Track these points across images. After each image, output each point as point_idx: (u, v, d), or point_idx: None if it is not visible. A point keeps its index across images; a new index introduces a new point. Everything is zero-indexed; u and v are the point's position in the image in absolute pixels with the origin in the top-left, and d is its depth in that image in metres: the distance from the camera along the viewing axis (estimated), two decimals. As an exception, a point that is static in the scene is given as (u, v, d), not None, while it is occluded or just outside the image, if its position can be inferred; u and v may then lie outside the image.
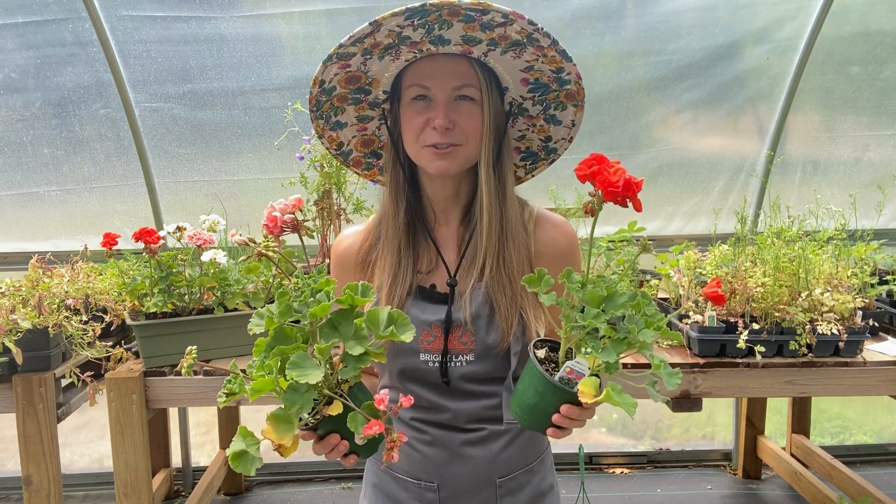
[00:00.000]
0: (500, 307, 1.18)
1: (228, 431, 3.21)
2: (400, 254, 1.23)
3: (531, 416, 1.03)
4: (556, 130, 1.30)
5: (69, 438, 3.39)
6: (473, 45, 1.14)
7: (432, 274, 1.25)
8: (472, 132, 1.17)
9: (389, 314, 0.98)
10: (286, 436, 0.92)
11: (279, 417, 0.93)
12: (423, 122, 1.17)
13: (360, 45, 1.14)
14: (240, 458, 0.93)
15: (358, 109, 1.28)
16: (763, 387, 2.14)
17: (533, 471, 1.29)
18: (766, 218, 2.49)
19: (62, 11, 2.76)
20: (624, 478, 3.37)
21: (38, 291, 2.08)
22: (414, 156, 1.21)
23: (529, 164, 1.37)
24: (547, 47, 1.14)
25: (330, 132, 1.30)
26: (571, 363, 0.99)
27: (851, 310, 2.14)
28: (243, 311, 2.15)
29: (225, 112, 3.01)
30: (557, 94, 1.23)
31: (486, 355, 1.19)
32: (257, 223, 2.83)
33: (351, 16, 2.87)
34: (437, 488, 1.25)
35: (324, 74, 1.20)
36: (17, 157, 3.02)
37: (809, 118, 3.25)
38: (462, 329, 1.19)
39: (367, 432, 0.92)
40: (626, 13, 2.99)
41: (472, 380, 1.21)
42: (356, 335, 0.96)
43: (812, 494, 2.93)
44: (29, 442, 2.05)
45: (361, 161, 1.37)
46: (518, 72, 1.21)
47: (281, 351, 0.93)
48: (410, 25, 1.10)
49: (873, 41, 3.09)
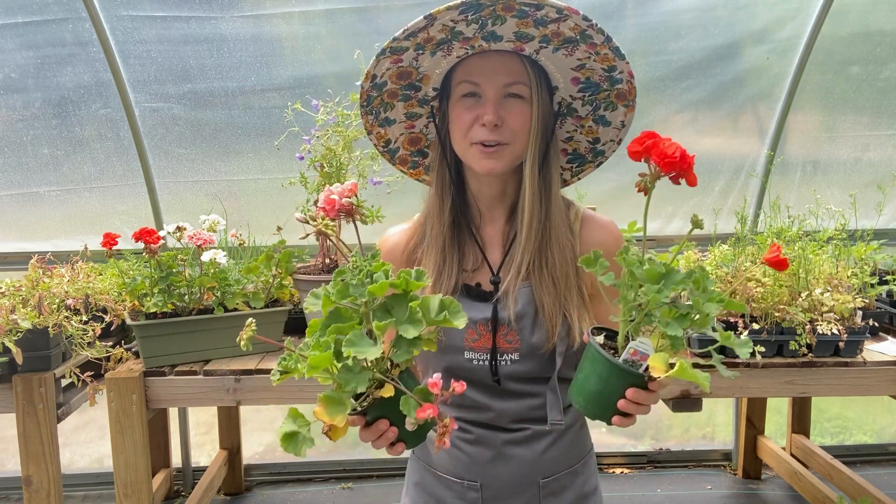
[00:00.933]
0: (544, 307, 1.18)
1: (228, 431, 3.22)
2: (444, 252, 1.23)
3: (595, 403, 1.00)
4: (604, 132, 1.29)
5: (69, 438, 3.39)
6: (526, 41, 1.14)
7: (477, 272, 1.25)
8: (520, 130, 1.16)
9: (441, 301, 0.97)
10: (337, 416, 0.92)
11: (331, 399, 0.93)
12: (472, 118, 1.16)
13: (413, 40, 1.14)
14: (291, 438, 0.93)
15: (407, 106, 1.27)
16: (763, 387, 2.14)
17: (576, 472, 1.29)
18: (766, 218, 2.49)
19: (62, 11, 2.76)
20: (624, 478, 3.37)
21: (38, 291, 2.08)
22: (461, 153, 1.21)
23: (576, 166, 1.36)
24: (600, 44, 1.13)
25: (378, 128, 1.30)
26: (635, 343, 0.97)
27: (851, 310, 2.13)
28: (243, 311, 2.15)
29: (225, 112, 3.01)
30: (608, 94, 1.23)
31: (531, 355, 1.19)
32: (257, 223, 2.85)
33: (351, 16, 2.87)
34: (479, 488, 1.25)
35: (376, 69, 1.18)
36: (17, 157, 3.02)
37: (809, 118, 3.25)
38: (507, 328, 1.19)
39: (420, 415, 0.91)
40: (626, 13, 2.98)
41: (517, 379, 1.20)
42: (410, 318, 0.95)
43: (812, 494, 2.93)
44: (29, 442, 2.05)
45: (408, 159, 1.37)
46: (569, 70, 1.20)
47: (337, 329, 0.93)
48: (464, 20, 1.10)
49: (873, 41, 3.09)
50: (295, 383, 2.08)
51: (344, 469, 3.41)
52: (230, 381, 2.07)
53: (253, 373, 2.07)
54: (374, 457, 3.47)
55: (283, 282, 2.30)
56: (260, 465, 3.41)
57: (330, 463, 3.42)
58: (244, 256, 2.57)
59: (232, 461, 3.22)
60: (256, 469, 3.40)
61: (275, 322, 2.21)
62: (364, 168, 2.27)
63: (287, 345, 0.97)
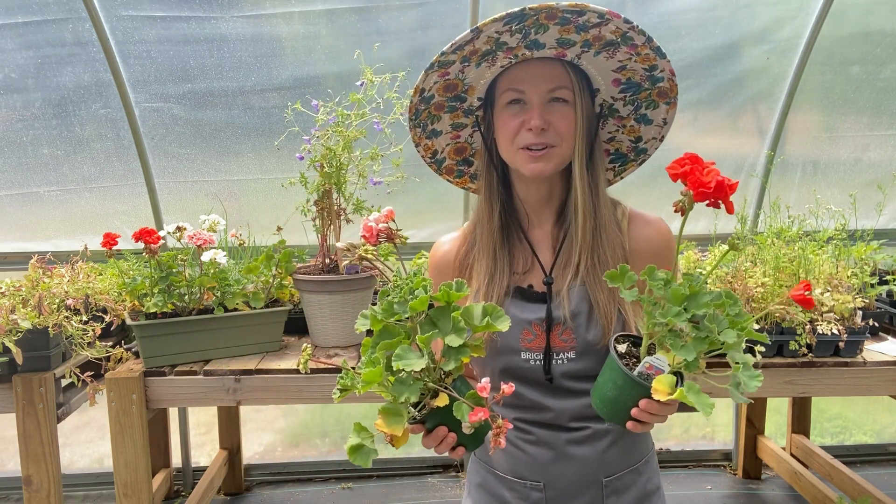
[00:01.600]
0: (599, 304, 1.20)
1: (228, 431, 3.22)
2: (496, 256, 1.26)
3: (610, 408, 1.04)
4: (646, 130, 1.32)
5: (69, 438, 3.39)
6: (567, 47, 1.18)
7: (528, 274, 1.27)
8: (566, 132, 1.20)
9: (484, 307, 1.03)
10: (397, 427, 0.98)
11: (389, 410, 0.99)
12: (518, 124, 1.20)
13: (459, 53, 1.17)
14: (357, 451, 0.99)
15: (453, 117, 1.31)
16: (763, 387, 2.13)
17: (639, 471, 1.30)
18: (766, 218, 2.49)
19: (62, 11, 2.76)
20: (624, 478, 3.37)
21: (38, 291, 2.08)
22: (509, 158, 1.24)
23: (619, 166, 1.40)
24: (641, 45, 1.16)
25: (426, 140, 1.34)
26: (651, 359, 1.00)
27: (851, 310, 2.14)
28: (243, 311, 2.15)
29: (225, 112, 3.01)
30: (649, 93, 1.26)
31: (588, 352, 1.21)
32: (257, 223, 2.85)
33: (351, 16, 2.87)
34: (543, 488, 1.26)
35: (424, 83, 1.22)
36: (17, 157, 3.02)
37: (809, 118, 3.25)
38: (562, 327, 1.21)
39: (473, 419, 0.96)
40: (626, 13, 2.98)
41: (574, 377, 1.22)
42: (454, 328, 1.01)
43: (812, 494, 2.92)
44: (29, 442, 2.05)
45: (454, 169, 1.41)
46: (610, 72, 1.23)
47: (386, 345, 0.99)
48: (508, 31, 1.13)
49: (873, 41, 3.09)
50: (295, 384, 2.08)
51: (344, 469, 3.41)
52: (230, 381, 2.07)
53: (253, 373, 2.07)
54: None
55: (283, 282, 2.30)
56: (260, 465, 3.41)
57: (330, 463, 3.42)
58: (244, 256, 2.57)
59: (232, 461, 3.22)
60: (256, 469, 3.40)
61: (275, 322, 2.21)
62: (364, 168, 2.27)
63: (343, 364, 1.04)
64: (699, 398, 0.94)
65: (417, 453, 3.49)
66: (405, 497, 3.21)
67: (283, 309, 2.22)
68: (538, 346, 1.22)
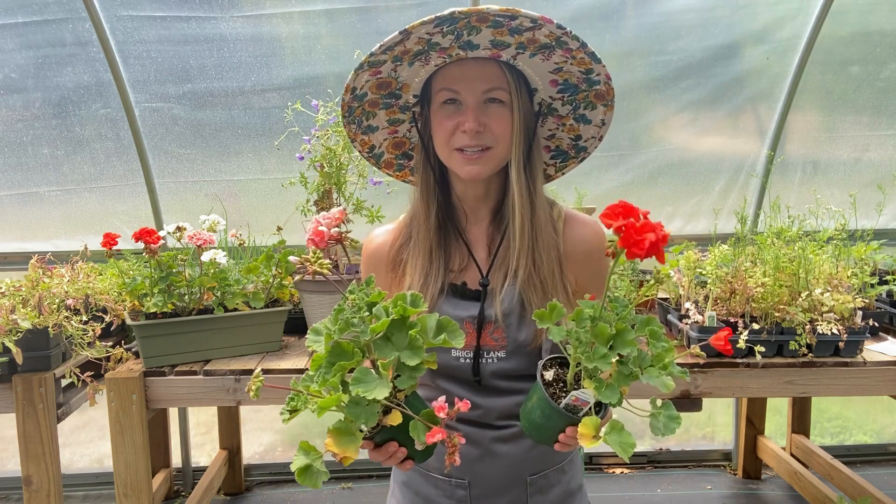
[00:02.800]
0: (532, 305, 1.20)
1: (228, 431, 3.22)
2: (431, 255, 1.26)
3: (538, 432, 1.06)
4: (585, 129, 1.31)
5: (69, 438, 3.39)
6: (502, 49, 1.16)
7: (464, 272, 1.27)
8: (502, 134, 1.19)
9: (438, 321, 1.00)
10: (349, 448, 0.95)
11: (341, 430, 0.96)
12: (453, 125, 1.19)
13: (390, 53, 1.16)
14: (305, 472, 0.95)
15: (389, 113, 1.30)
16: (763, 387, 2.14)
17: (563, 470, 1.31)
18: (766, 218, 2.49)
19: (62, 11, 2.76)
20: (624, 478, 3.37)
21: (38, 291, 2.08)
22: (445, 159, 1.23)
23: (559, 162, 1.39)
24: (576, 49, 1.15)
25: (362, 136, 1.33)
26: (577, 392, 1.01)
27: (851, 310, 2.13)
28: (243, 311, 2.15)
29: (225, 112, 3.01)
30: (587, 94, 1.25)
31: (518, 352, 1.21)
32: (257, 223, 2.85)
33: (351, 16, 2.87)
34: (468, 485, 1.26)
35: (355, 82, 1.21)
36: (17, 157, 3.02)
37: (809, 118, 3.25)
38: (494, 326, 1.21)
39: (431, 440, 0.94)
40: (626, 13, 2.99)
41: (503, 376, 1.22)
42: (411, 346, 0.96)
43: (812, 494, 2.92)
44: (29, 442, 2.05)
45: (393, 162, 1.40)
46: (547, 73, 1.22)
47: (342, 367, 0.95)
48: (440, 32, 1.12)
49: (873, 41, 3.09)
50: (295, 383, 2.08)
51: (344, 469, 3.41)
52: (230, 381, 2.07)
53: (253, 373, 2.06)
54: (374, 457, 3.47)
55: (283, 282, 2.30)
56: (260, 465, 3.41)
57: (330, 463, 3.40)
58: (244, 256, 2.57)
59: (232, 461, 3.22)
60: (256, 469, 3.40)
61: (275, 322, 2.21)
62: (364, 168, 2.27)
63: (293, 385, 0.99)
64: (621, 438, 0.95)
65: (417, 453, 3.49)
66: (405, 497, 3.21)
67: (283, 309, 2.22)
68: (469, 344, 1.22)
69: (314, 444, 0.97)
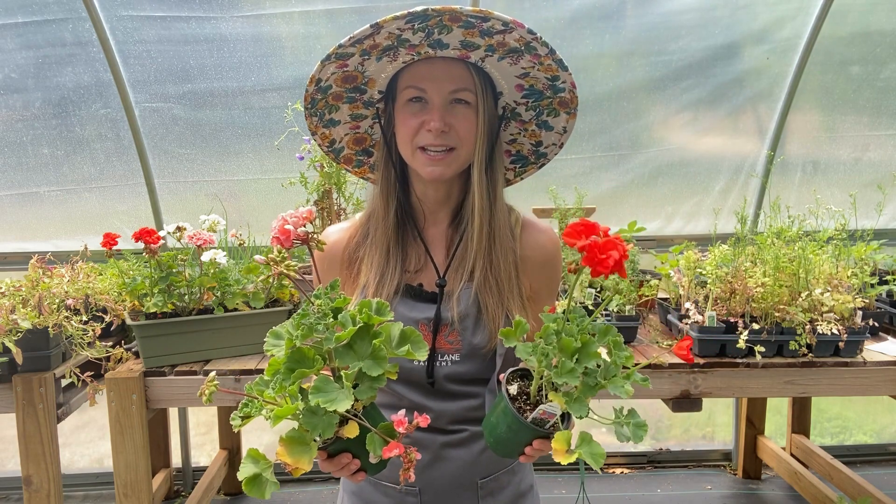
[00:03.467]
0: (488, 309, 1.20)
1: (228, 431, 3.21)
2: (388, 254, 1.24)
3: (503, 447, 1.05)
4: (547, 136, 1.32)
5: (69, 438, 3.39)
6: (471, 50, 1.16)
7: (420, 273, 1.26)
8: (466, 135, 1.18)
9: (402, 332, 0.97)
10: (303, 458, 0.91)
11: (294, 440, 0.92)
12: (418, 123, 1.18)
13: (359, 46, 1.14)
14: (253, 482, 0.90)
15: (352, 108, 1.29)
16: (763, 387, 2.14)
17: (513, 471, 1.31)
18: (766, 218, 2.49)
19: (62, 11, 2.76)
20: (624, 478, 3.37)
21: (38, 291, 2.08)
22: (407, 157, 1.22)
23: (519, 167, 1.38)
24: (544, 56, 1.15)
25: (323, 129, 1.31)
26: (545, 406, 1.00)
27: (851, 310, 2.14)
28: (243, 311, 2.15)
29: (225, 112, 3.01)
30: (551, 101, 1.25)
31: (472, 356, 1.21)
32: (257, 223, 2.85)
33: (351, 16, 2.87)
34: (418, 492, 1.25)
35: (321, 73, 1.20)
36: (17, 157, 3.02)
37: (809, 118, 3.25)
38: (449, 328, 1.20)
39: (388, 454, 0.92)
40: (626, 13, 2.98)
41: (457, 380, 1.21)
42: (374, 355, 0.93)
43: (812, 494, 2.93)
44: (29, 442, 2.05)
45: (353, 158, 1.38)
46: (513, 77, 1.22)
47: (302, 374, 0.91)
48: (410, 29, 1.11)
49: (873, 41, 3.09)
50: (295, 383, 2.08)
51: (344, 469, 3.41)
52: (230, 381, 2.07)
53: (253, 373, 2.07)
54: (374, 457, 3.47)
55: (283, 282, 2.30)
56: (260, 465, 3.41)
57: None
58: (244, 256, 2.57)
59: (232, 461, 3.22)
60: (256, 469, 3.40)
61: (274, 322, 2.20)
62: (364, 168, 2.27)
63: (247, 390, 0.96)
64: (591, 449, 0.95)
65: (417, 453, 3.49)
66: (405, 497, 3.21)
67: (283, 309, 2.22)
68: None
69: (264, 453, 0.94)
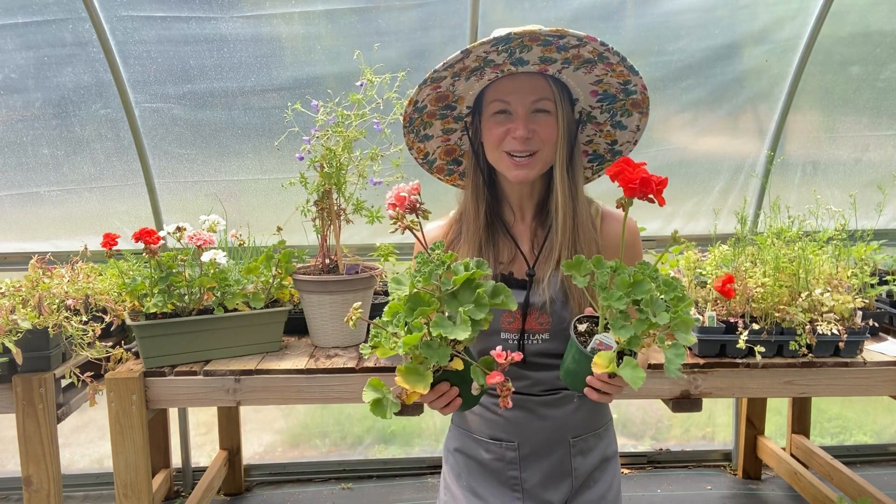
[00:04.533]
0: (574, 294, 1.35)
1: (228, 431, 3.22)
2: (481, 250, 1.39)
3: (571, 378, 1.21)
4: (621, 135, 1.46)
5: (69, 438, 3.39)
6: (549, 64, 1.30)
7: (511, 263, 1.41)
8: (547, 139, 1.33)
9: (494, 287, 1.14)
10: (419, 384, 1.07)
11: (410, 370, 1.08)
12: (503, 132, 1.33)
13: (450, 70, 1.29)
14: (378, 404, 1.07)
15: (444, 123, 1.44)
16: (763, 387, 2.14)
17: (600, 436, 1.47)
18: (766, 218, 2.49)
19: (62, 11, 2.76)
20: (624, 478, 3.37)
21: (38, 292, 2.08)
22: (495, 162, 1.37)
23: (596, 165, 1.53)
24: (616, 64, 1.28)
25: (418, 144, 1.47)
26: (600, 336, 1.16)
27: (851, 310, 2.13)
28: (243, 312, 2.15)
29: (225, 112, 3.01)
30: (624, 103, 1.39)
31: (559, 335, 1.36)
32: (257, 223, 2.85)
33: (351, 16, 2.87)
34: (517, 447, 1.41)
35: (418, 95, 1.34)
36: (17, 157, 3.02)
37: (809, 118, 3.25)
38: (539, 312, 1.36)
39: (491, 381, 1.09)
40: (626, 13, 2.98)
41: (546, 355, 1.38)
42: (477, 301, 1.10)
43: (812, 495, 2.93)
44: (29, 442, 2.05)
45: (444, 168, 1.54)
46: (588, 85, 1.36)
47: (424, 311, 1.09)
48: (496, 51, 1.25)
49: (873, 41, 3.09)
50: (295, 384, 2.08)
51: (344, 469, 3.41)
52: (230, 382, 2.07)
53: (253, 373, 2.07)
54: (374, 457, 3.47)
55: (283, 282, 2.30)
56: (260, 465, 3.41)
57: (330, 463, 3.42)
58: (244, 257, 2.57)
59: (232, 461, 3.22)
60: (256, 469, 3.40)
61: (275, 322, 2.21)
62: (364, 168, 2.27)
63: (377, 322, 1.12)
64: (633, 372, 1.06)
65: (417, 453, 3.49)
66: (405, 497, 3.21)
67: (282, 309, 2.22)
68: (516, 327, 1.37)
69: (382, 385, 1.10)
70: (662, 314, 1.09)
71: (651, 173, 1.12)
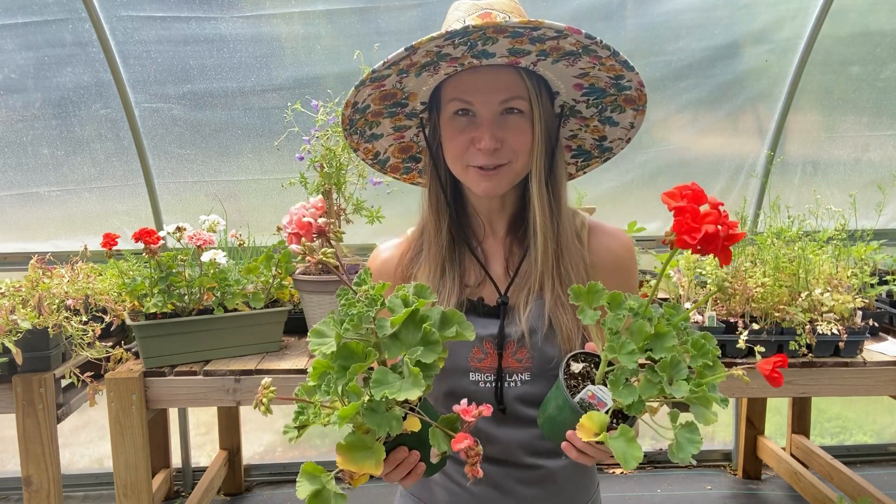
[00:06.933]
0: (562, 326, 1.09)
1: (228, 431, 3.21)
2: (444, 270, 1.15)
3: (550, 426, 0.98)
4: (612, 131, 1.22)
5: (69, 438, 3.39)
6: (521, 56, 1.05)
7: (480, 287, 1.16)
8: (521, 148, 1.08)
9: (443, 314, 0.88)
10: (367, 463, 0.84)
11: (354, 444, 0.85)
12: (466, 140, 1.08)
13: (394, 67, 1.05)
14: (318, 497, 0.84)
15: (394, 121, 1.20)
16: (762, 387, 2.13)
17: None
18: (766, 218, 2.49)
19: (62, 11, 2.76)
20: (624, 478, 3.37)
21: (38, 292, 2.08)
22: (458, 174, 1.13)
23: (581, 161, 1.29)
24: (605, 57, 1.05)
25: (365, 144, 1.23)
26: (594, 388, 0.92)
27: (851, 310, 2.13)
28: (243, 312, 2.15)
29: (225, 112, 3.01)
30: (615, 98, 1.15)
31: (544, 374, 1.10)
32: (257, 223, 2.85)
33: (351, 16, 2.87)
34: None
35: (356, 97, 1.10)
36: (17, 157, 3.02)
37: (809, 118, 3.25)
38: (516, 345, 1.10)
39: (457, 447, 0.84)
40: (626, 13, 2.99)
41: (528, 402, 1.10)
42: (425, 340, 0.85)
43: (812, 495, 2.92)
44: (29, 442, 2.05)
45: (399, 166, 1.30)
46: (571, 78, 1.12)
47: (358, 369, 0.83)
48: (451, 44, 1.01)
49: (873, 41, 3.09)
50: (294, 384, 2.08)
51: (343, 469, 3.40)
52: (230, 382, 2.07)
53: (253, 373, 2.07)
54: (374, 457, 3.47)
55: (283, 282, 2.30)
56: (260, 465, 3.41)
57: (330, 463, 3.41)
58: (244, 257, 2.57)
59: (232, 461, 3.22)
60: (256, 469, 3.40)
61: (275, 322, 2.21)
62: (364, 168, 2.27)
63: (298, 393, 0.89)
64: (627, 447, 0.82)
65: (417, 453, 3.49)
66: (405, 497, 3.21)
67: (282, 309, 2.22)
68: (489, 366, 1.10)
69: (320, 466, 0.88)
70: (681, 384, 0.84)
71: (724, 218, 0.77)
